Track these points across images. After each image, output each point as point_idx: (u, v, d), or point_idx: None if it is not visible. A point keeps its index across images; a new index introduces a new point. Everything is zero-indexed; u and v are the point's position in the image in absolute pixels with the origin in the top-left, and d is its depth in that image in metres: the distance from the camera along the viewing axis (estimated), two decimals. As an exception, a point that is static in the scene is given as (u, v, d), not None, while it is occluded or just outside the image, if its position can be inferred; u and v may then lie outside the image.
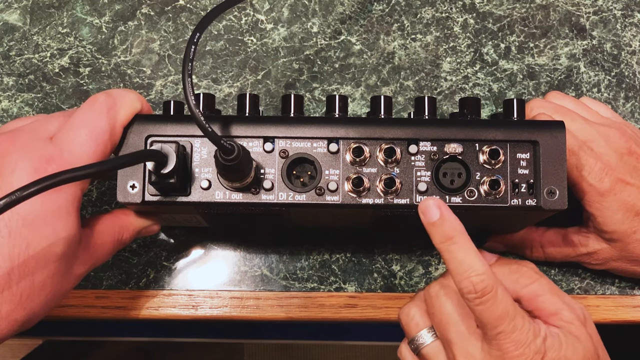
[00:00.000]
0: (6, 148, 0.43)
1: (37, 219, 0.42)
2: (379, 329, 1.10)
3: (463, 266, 0.42)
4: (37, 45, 0.61)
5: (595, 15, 0.63)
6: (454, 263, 0.43)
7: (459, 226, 0.43)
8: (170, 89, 0.60)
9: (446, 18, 0.62)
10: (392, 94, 0.61)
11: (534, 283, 0.47)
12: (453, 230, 0.43)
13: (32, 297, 0.42)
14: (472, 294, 0.42)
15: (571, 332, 0.45)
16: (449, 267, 0.43)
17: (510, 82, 0.61)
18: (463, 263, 0.42)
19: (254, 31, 0.62)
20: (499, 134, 0.47)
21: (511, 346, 0.43)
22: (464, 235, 0.43)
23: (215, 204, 0.47)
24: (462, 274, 0.42)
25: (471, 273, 0.42)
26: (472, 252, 0.43)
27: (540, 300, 0.46)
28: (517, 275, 0.47)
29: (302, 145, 0.47)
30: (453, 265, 0.43)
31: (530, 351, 0.43)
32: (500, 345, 0.43)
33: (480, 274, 0.42)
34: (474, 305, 0.43)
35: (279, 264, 0.58)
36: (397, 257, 0.58)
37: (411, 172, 0.47)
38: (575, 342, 0.45)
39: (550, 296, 0.47)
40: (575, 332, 0.45)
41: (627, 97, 0.61)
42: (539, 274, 0.48)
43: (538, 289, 0.47)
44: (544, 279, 0.48)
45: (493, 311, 0.42)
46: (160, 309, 0.57)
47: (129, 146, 0.46)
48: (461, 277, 0.42)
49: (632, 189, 0.51)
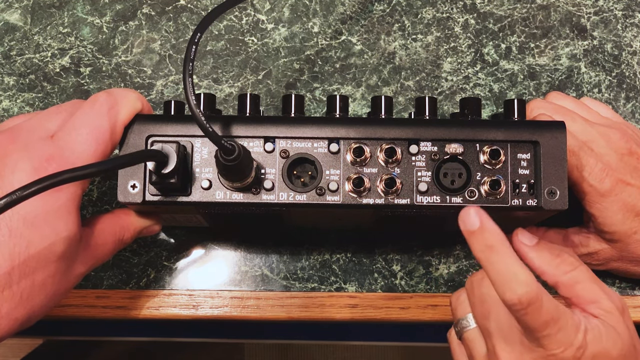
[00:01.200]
0: (6, 147, 0.43)
1: (37, 218, 0.42)
2: (379, 329, 1.10)
3: (506, 277, 0.41)
4: (38, 45, 0.61)
5: (596, 15, 0.63)
6: (495, 274, 0.41)
7: (499, 235, 0.42)
8: (171, 89, 0.60)
9: (447, 18, 0.62)
10: (393, 94, 0.61)
11: (574, 270, 0.46)
12: (493, 239, 0.41)
13: (32, 296, 0.42)
14: (516, 306, 0.41)
15: (610, 323, 0.44)
16: (490, 277, 0.42)
17: (511, 82, 0.61)
18: (505, 274, 0.41)
19: (255, 31, 0.62)
20: (499, 134, 0.47)
21: (554, 346, 0.42)
22: (505, 244, 0.42)
23: (215, 204, 0.47)
24: (504, 285, 0.41)
25: (514, 285, 0.40)
26: (515, 262, 0.41)
27: (579, 288, 0.45)
28: (558, 260, 0.46)
29: (303, 145, 0.47)
30: (494, 276, 0.41)
31: (573, 347, 0.42)
32: (544, 345, 0.42)
33: (524, 286, 0.40)
34: (520, 316, 0.41)
35: (280, 264, 0.58)
36: (398, 257, 0.58)
37: (412, 172, 0.47)
38: (614, 335, 0.44)
39: (590, 284, 0.45)
40: (614, 323, 0.44)
41: (627, 98, 0.61)
42: (579, 261, 0.47)
43: (578, 276, 0.46)
44: (584, 266, 0.46)
45: (538, 319, 0.41)
46: (160, 309, 0.57)
47: (130, 146, 0.46)
48: (504, 288, 0.41)
49: (632, 189, 0.51)
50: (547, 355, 0.42)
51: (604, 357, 0.43)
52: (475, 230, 0.42)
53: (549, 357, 0.42)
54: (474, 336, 0.47)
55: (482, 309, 0.46)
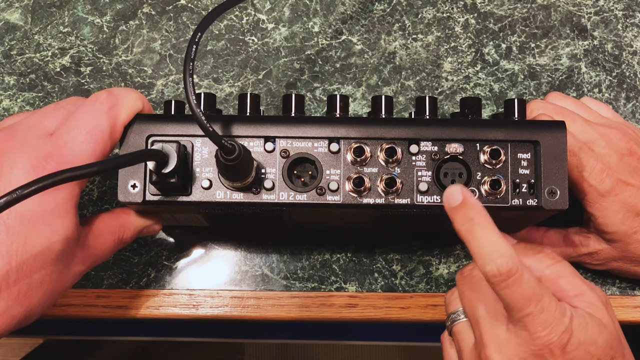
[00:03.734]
0: (5, 145, 0.43)
1: (35, 217, 0.42)
2: (379, 328, 1.11)
3: (486, 248, 0.41)
4: (39, 45, 0.61)
5: (597, 15, 0.63)
6: (476, 245, 0.41)
7: (480, 209, 0.42)
8: (172, 89, 0.60)
9: (447, 18, 0.62)
10: (393, 93, 0.61)
11: (557, 264, 0.46)
12: (474, 213, 0.42)
13: (30, 294, 0.42)
14: (496, 277, 0.41)
15: (595, 314, 0.44)
16: (472, 250, 0.42)
17: (511, 82, 0.61)
18: (485, 245, 0.41)
19: (255, 31, 0.62)
20: (499, 134, 0.47)
21: (539, 327, 0.42)
22: (486, 217, 0.42)
23: (216, 204, 0.47)
24: (485, 257, 0.41)
25: (494, 255, 0.40)
26: (494, 234, 0.41)
27: (563, 282, 0.45)
28: (540, 255, 0.46)
29: (303, 145, 0.47)
30: (475, 247, 0.41)
31: (557, 331, 0.42)
32: (527, 326, 0.42)
33: (504, 256, 0.40)
34: (500, 289, 0.41)
35: (280, 263, 0.58)
36: (398, 257, 0.58)
37: (412, 172, 0.47)
38: (600, 325, 0.43)
39: (573, 278, 0.46)
40: (599, 315, 0.44)
41: (628, 98, 0.61)
42: (559, 257, 0.47)
43: (561, 270, 0.46)
44: (564, 261, 0.47)
45: (519, 293, 0.41)
46: (160, 309, 0.57)
47: (130, 146, 0.46)
48: (484, 260, 0.41)
49: (632, 189, 0.51)
50: (532, 339, 0.42)
51: (590, 345, 0.42)
52: (458, 205, 0.42)
53: (534, 340, 0.42)
54: (463, 328, 0.47)
55: (470, 297, 0.46)
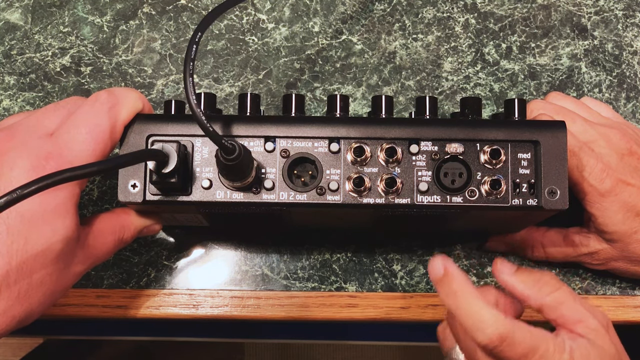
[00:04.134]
0: (5, 145, 0.43)
1: (35, 217, 0.42)
2: (379, 329, 1.10)
3: (472, 319, 0.42)
4: (39, 44, 0.61)
5: (597, 15, 0.63)
6: (463, 318, 0.43)
7: (463, 279, 0.44)
8: (172, 89, 0.60)
9: (447, 18, 0.62)
10: (393, 93, 0.61)
11: (556, 291, 0.46)
12: (457, 285, 0.43)
13: (30, 294, 0.42)
14: (489, 346, 0.42)
15: (597, 341, 0.44)
16: (460, 322, 0.43)
17: (512, 82, 0.61)
18: (473, 316, 0.43)
19: (255, 30, 0.62)
20: (500, 133, 0.47)
21: None
22: (469, 288, 0.43)
23: (216, 204, 0.47)
24: (473, 328, 0.42)
25: (482, 325, 0.42)
26: (478, 304, 0.43)
27: (564, 308, 0.46)
28: (540, 284, 0.46)
29: (303, 145, 0.47)
30: (463, 320, 0.43)
31: None
32: None
33: (493, 325, 0.42)
34: (496, 354, 0.42)
35: (280, 263, 0.58)
36: (398, 257, 0.58)
37: (412, 171, 0.47)
38: (602, 352, 0.44)
39: (574, 304, 0.46)
40: (600, 341, 0.44)
41: (628, 98, 0.61)
42: (561, 282, 0.47)
43: (561, 296, 0.46)
44: (566, 286, 0.47)
45: (515, 353, 0.42)
46: (161, 308, 0.57)
47: (130, 145, 0.46)
48: (474, 331, 0.42)
49: (632, 189, 0.51)
50: None
51: None
52: (441, 277, 0.44)
53: None
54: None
55: (467, 345, 0.46)
